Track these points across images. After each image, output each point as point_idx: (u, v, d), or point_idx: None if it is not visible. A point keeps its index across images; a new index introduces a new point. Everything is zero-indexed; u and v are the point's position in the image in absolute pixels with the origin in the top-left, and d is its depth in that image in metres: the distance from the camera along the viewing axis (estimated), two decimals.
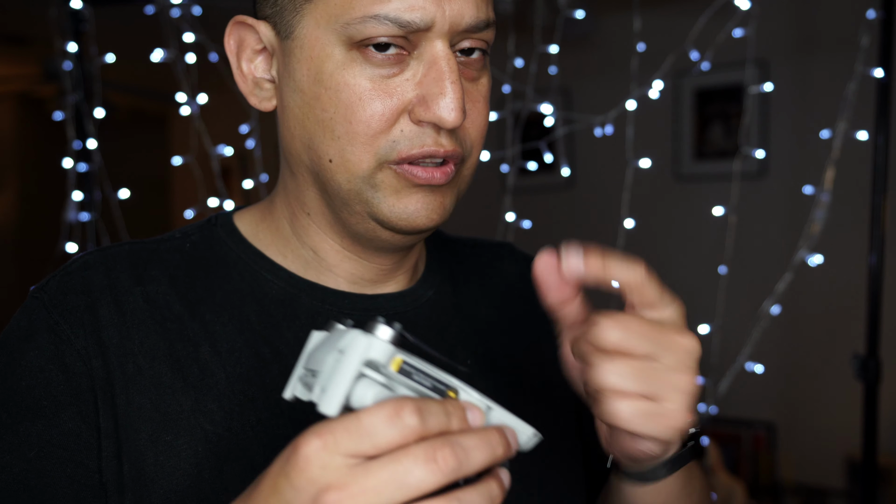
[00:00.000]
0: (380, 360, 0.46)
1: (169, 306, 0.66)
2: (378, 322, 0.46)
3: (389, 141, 0.63)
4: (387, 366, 0.46)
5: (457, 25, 0.62)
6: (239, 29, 0.68)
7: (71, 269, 0.66)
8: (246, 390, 0.64)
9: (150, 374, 0.62)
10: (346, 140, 0.63)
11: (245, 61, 0.69)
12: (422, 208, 0.65)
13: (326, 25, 0.62)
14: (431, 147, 0.63)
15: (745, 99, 2.91)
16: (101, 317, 0.63)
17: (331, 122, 0.63)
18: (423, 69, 0.62)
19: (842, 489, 3.00)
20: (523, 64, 2.40)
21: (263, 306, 0.68)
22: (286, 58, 0.65)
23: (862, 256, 2.04)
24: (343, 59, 0.62)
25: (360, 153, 0.63)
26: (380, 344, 0.46)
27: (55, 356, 0.62)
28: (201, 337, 0.65)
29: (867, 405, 1.88)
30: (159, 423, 0.61)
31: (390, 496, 0.42)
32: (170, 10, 2.14)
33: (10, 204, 5.02)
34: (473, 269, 0.84)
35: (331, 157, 0.64)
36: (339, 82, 0.62)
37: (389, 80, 0.62)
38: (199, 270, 0.69)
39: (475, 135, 0.68)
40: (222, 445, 0.62)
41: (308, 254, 0.71)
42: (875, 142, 1.88)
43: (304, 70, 0.64)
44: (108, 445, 0.61)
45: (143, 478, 0.60)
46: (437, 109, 0.61)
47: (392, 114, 0.62)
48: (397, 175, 0.64)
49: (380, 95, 0.62)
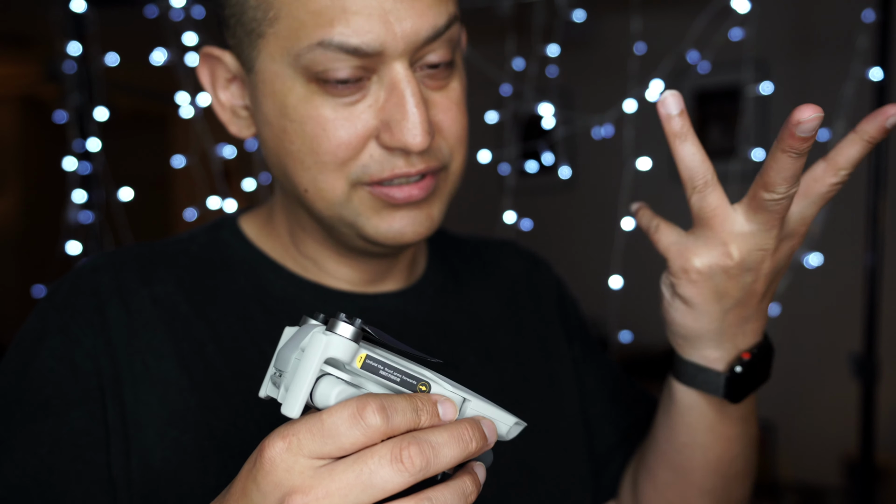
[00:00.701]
0: (341, 357, 0.44)
1: (175, 306, 0.67)
2: (339, 319, 0.44)
3: (359, 166, 0.63)
4: (350, 362, 0.45)
5: (413, 43, 0.60)
6: (208, 60, 0.69)
7: (81, 273, 0.68)
8: (251, 387, 0.65)
9: (157, 373, 0.64)
10: (315, 170, 0.63)
11: (220, 90, 0.69)
12: (407, 224, 0.65)
13: (281, 59, 0.62)
14: (403, 168, 0.63)
15: (744, 100, 2.93)
16: (109, 317, 0.65)
17: (299, 153, 0.63)
18: (385, 93, 0.61)
19: (839, 487, 3.01)
20: (523, 65, 2.41)
21: (267, 305, 0.70)
22: (253, 90, 0.66)
23: (859, 256, 2.05)
24: (304, 91, 0.62)
25: (331, 181, 0.63)
26: (339, 340, 0.44)
27: (65, 356, 0.63)
28: (207, 336, 0.67)
29: (865, 404, 1.89)
30: (166, 419, 0.63)
31: (356, 498, 0.41)
32: (171, 12, 2.15)
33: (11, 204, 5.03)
34: (477, 267, 0.85)
35: (305, 188, 0.65)
36: (302, 115, 0.62)
37: (352, 107, 0.62)
38: (205, 271, 0.71)
39: (453, 142, 0.67)
40: (227, 441, 0.63)
41: (307, 262, 0.73)
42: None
43: (269, 104, 0.64)
44: (117, 442, 0.62)
45: (150, 472, 0.61)
46: (402, 135, 0.61)
47: (358, 141, 0.62)
48: (373, 196, 0.64)
49: (343, 124, 0.62)
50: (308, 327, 0.47)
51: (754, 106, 3.02)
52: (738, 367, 0.64)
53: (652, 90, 2.18)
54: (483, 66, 2.14)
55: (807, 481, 3.09)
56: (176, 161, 2.51)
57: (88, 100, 2.16)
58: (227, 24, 0.66)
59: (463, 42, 0.72)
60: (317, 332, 0.44)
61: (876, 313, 1.89)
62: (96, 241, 2.18)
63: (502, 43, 2.33)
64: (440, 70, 0.64)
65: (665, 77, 2.17)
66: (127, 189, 2.28)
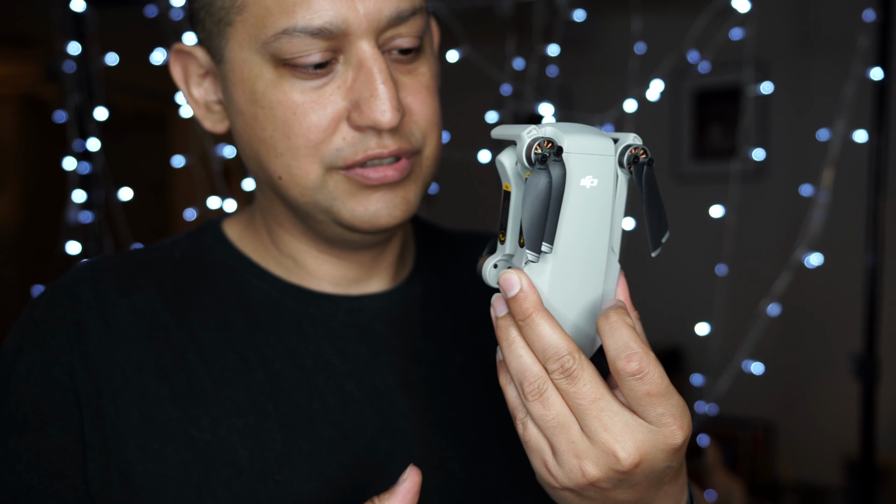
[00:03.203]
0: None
1: (156, 316, 0.67)
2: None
3: (333, 149, 0.63)
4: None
5: (377, 22, 0.61)
6: (180, 57, 0.69)
7: (61, 284, 0.68)
8: (232, 396, 0.65)
9: (138, 385, 0.63)
10: (289, 156, 0.63)
11: (194, 87, 0.70)
12: (383, 207, 0.65)
13: (249, 46, 0.62)
14: (375, 150, 0.63)
15: (744, 100, 2.92)
16: (88, 331, 0.64)
17: (271, 139, 0.63)
18: (353, 73, 0.62)
19: (840, 487, 3.01)
20: (523, 65, 2.41)
21: (249, 311, 0.69)
22: (223, 82, 0.66)
23: (860, 256, 2.05)
24: (272, 77, 0.62)
25: (305, 166, 0.63)
26: None
27: (42, 372, 0.63)
28: (188, 345, 0.66)
29: (865, 404, 1.89)
30: (147, 432, 0.62)
31: None
32: (171, 12, 2.15)
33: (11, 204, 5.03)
34: (464, 263, 0.84)
35: (279, 175, 0.65)
36: (272, 100, 0.62)
37: (321, 90, 0.62)
38: (187, 278, 0.70)
39: (425, 125, 0.66)
40: (209, 451, 0.62)
41: (288, 262, 0.72)
42: (873, 142, 1.89)
43: (240, 92, 0.64)
44: (95, 457, 0.62)
45: (131, 486, 0.61)
46: (371, 112, 0.60)
47: (329, 123, 0.62)
48: (348, 179, 0.64)
49: (313, 107, 0.62)
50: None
51: (754, 106, 3.02)
52: None
53: (652, 90, 2.18)
54: (483, 66, 2.13)
55: (807, 481, 3.09)
56: (176, 161, 2.50)
57: (88, 100, 2.15)
58: (196, 18, 0.66)
59: (435, 39, 0.72)
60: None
61: (876, 313, 1.89)
62: (96, 241, 2.17)
63: (502, 43, 2.33)
64: (409, 56, 0.65)
65: (665, 77, 2.17)
66: (127, 189, 2.28)
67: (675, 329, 3.00)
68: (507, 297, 0.49)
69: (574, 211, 0.49)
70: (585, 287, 0.52)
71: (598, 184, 0.50)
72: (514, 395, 0.52)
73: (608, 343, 0.48)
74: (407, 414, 0.69)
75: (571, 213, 0.49)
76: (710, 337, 2.26)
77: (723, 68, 2.80)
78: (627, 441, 0.48)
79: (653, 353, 0.48)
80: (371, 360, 0.70)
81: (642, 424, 0.48)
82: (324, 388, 0.67)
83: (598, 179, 0.50)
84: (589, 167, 0.49)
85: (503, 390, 0.53)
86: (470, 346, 0.76)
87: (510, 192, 0.51)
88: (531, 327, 0.48)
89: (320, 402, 0.67)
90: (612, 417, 0.48)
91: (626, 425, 0.48)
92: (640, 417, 0.48)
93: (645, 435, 0.48)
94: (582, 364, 0.48)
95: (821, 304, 2.98)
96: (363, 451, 0.66)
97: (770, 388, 3.10)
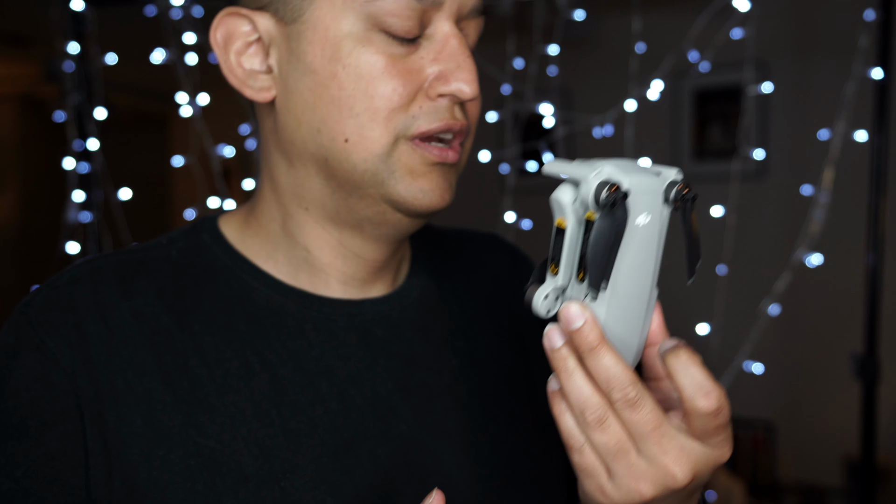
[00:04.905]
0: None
1: (157, 319, 0.65)
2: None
3: (409, 116, 0.64)
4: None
5: (464, 6, 0.65)
6: (229, 21, 0.67)
7: (57, 285, 0.66)
8: (236, 401, 0.64)
9: (140, 390, 0.62)
10: (366, 116, 0.63)
11: (234, 54, 0.67)
12: (436, 188, 0.66)
13: (343, 4, 0.62)
14: (449, 121, 0.65)
15: (745, 99, 2.92)
16: (88, 334, 0.63)
17: (349, 99, 0.63)
18: (437, 47, 0.64)
19: (840, 488, 3.01)
20: (523, 64, 2.41)
21: (251, 314, 0.68)
22: (292, 42, 0.65)
23: (860, 256, 2.05)
24: (362, 37, 0.63)
25: (379, 130, 0.63)
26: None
27: (41, 375, 0.62)
28: (190, 349, 0.65)
29: (866, 404, 1.89)
30: (151, 438, 0.61)
31: None
32: (170, 11, 2.15)
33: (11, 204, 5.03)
34: (459, 264, 0.84)
35: (347, 137, 0.64)
36: (358, 60, 0.63)
37: (406, 58, 0.64)
38: (187, 280, 0.69)
39: (474, 114, 0.69)
40: (214, 458, 0.62)
41: (301, 253, 0.71)
42: (874, 142, 1.88)
43: (318, 51, 0.63)
44: (97, 463, 0.61)
45: (136, 493, 0.60)
46: (458, 81, 0.63)
47: (411, 91, 0.64)
48: (413, 151, 0.65)
49: (399, 72, 0.63)
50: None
51: (755, 106, 3.02)
52: None
53: (652, 90, 2.18)
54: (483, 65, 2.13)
55: (808, 482, 3.09)
56: (175, 161, 2.50)
57: (88, 99, 2.15)
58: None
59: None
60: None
61: (877, 313, 1.88)
62: (95, 241, 2.17)
63: (502, 42, 2.33)
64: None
65: (665, 77, 2.17)
66: (126, 189, 2.28)
67: (675, 329, 2.97)
68: (570, 329, 0.51)
69: (629, 248, 0.53)
70: (633, 319, 0.55)
71: (649, 221, 0.53)
72: (570, 423, 0.54)
73: (682, 381, 0.51)
74: (406, 418, 0.69)
75: (627, 251, 0.53)
76: (710, 337, 2.26)
77: (723, 68, 2.80)
78: (684, 462, 0.52)
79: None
80: (372, 365, 0.70)
81: (698, 446, 0.52)
82: (326, 394, 0.67)
83: (651, 216, 0.53)
84: (643, 206, 0.53)
85: (557, 419, 0.54)
86: (464, 351, 0.76)
87: (564, 228, 0.53)
88: (596, 359, 0.51)
89: (323, 408, 0.66)
90: (670, 441, 0.51)
91: (682, 448, 0.52)
92: (700, 443, 0.52)
93: (699, 455, 0.52)
94: (643, 393, 0.51)
95: (821, 304, 2.98)
96: (365, 457, 0.66)
97: (770, 388, 3.09)
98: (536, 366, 0.82)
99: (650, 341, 0.58)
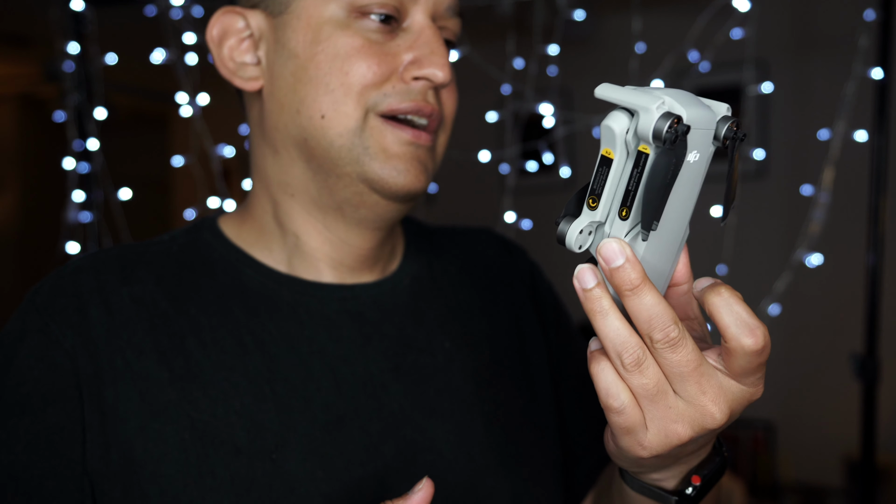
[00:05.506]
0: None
1: (155, 304, 0.69)
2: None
3: (380, 94, 0.68)
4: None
5: (440, 4, 0.70)
6: (226, 18, 0.73)
7: (63, 273, 0.70)
8: (229, 377, 0.67)
9: (138, 369, 0.65)
10: (340, 92, 0.67)
11: (227, 49, 0.73)
12: (411, 168, 0.69)
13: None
14: (420, 102, 0.69)
15: (744, 99, 2.92)
16: (90, 317, 0.66)
17: (325, 76, 0.68)
18: (413, 37, 0.69)
19: (840, 488, 3.01)
20: (523, 64, 2.41)
21: (246, 300, 0.71)
22: (279, 32, 0.70)
23: (860, 256, 2.05)
24: (342, 22, 0.68)
25: (352, 104, 0.68)
26: None
27: (44, 356, 0.65)
28: (186, 329, 0.68)
29: (866, 404, 1.89)
30: (147, 413, 0.64)
31: None
32: (170, 11, 2.15)
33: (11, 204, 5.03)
34: (451, 255, 0.86)
35: (323, 113, 0.68)
36: (336, 41, 0.67)
37: (385, 44, 0.68)
38: (185, 270, 0.72)
39: (449, 109, 0.73)
40: (207, 431, 0.65)
41: (292, 240, 0.74)
42: (874, 142, 1.88)
43: (300, 37, 0.69)
44: (93, 438, 0.64)
45: (132, 465, 0.63)
46: (431, 65, 0.68)
47: (385, 71, 0.68)
48: (384, 127, 0.69)
49: (375, 53, 0.68)
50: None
51: (754, 106, 3.02)
52: (689, 489, 0.60)
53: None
54: (483, 65, 2.13)
55: (808, 482, 3.09)
56: (175, 161, 2.50)
57: (87, 99, 2.15)
58: None
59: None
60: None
61: (877, 313, 1.88)
62: (95, 241, 2.17)
63: (502, 42, 2.33)
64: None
65: (665, 77, 2.17)
66: (126, 189, 2.28)
67: None
68: (610, 267, 0.47)
69: (678, 186, 0.48)
70: (666, 256, 0.52)
71: (698, 158, 0.49)
72: (608, 379, 0.50)
73: (727, 319, 0.48)
74: (398, 397, 0.72)
75: (676, 189, 0.48)
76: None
77: (723, 68, 2.80)
78: (722, 401, 0.50)
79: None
80: (364, 346, 0.72)
81: (735, 384, 0.50)
82: (319, 372, 0.69)
83: (700, 153, 0.49)
84: (695, 142, 0.48)
85: (595, 379, 0.51)
86: (458, 333, 0.79)
87: (612, 159, 0.48)
88: (639, 298, 0.47)
89: (315, 386, 0.69)
90: (709, 380, 0.50)
91: (720, 387, 0.50)
92: (737, 381, 0.50)
93: (735, 393, 0.51)
94: (684, 332, 0.48)
95: (821, 304, 2.98)
96: (356, 433, 0.68)
97: (770, 388, 3.08)
98: (530, 353, 0.83)
99: (675, 281, 0.55)
